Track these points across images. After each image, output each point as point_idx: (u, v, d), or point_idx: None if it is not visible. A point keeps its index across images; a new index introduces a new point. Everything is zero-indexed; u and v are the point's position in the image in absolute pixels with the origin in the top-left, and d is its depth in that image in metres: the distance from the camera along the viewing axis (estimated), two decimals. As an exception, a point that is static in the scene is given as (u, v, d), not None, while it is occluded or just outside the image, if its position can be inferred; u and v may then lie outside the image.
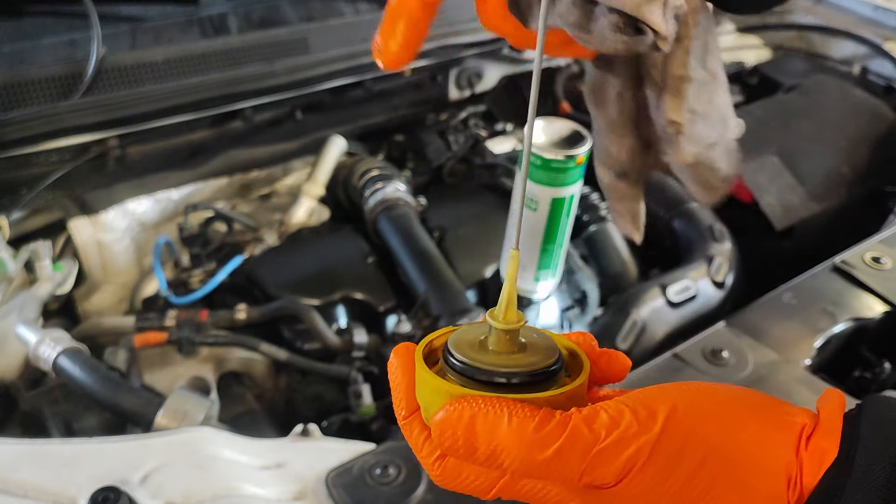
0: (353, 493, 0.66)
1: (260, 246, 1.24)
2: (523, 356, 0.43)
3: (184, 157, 1.30)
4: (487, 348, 0.44)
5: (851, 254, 1.04)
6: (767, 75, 1.69)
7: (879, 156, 1.43)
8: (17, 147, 1.12)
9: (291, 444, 0.73)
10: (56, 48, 1.19)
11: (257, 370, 1.10)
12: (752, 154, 1.36)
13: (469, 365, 0.42)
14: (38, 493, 0.64)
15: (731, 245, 1.23)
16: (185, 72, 1.24)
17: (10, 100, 1.12)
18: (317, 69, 1.32)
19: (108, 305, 1.21)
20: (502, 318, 0.43)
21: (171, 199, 1.27)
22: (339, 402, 1.04)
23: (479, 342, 0.44)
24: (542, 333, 0.47)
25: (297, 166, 1.40)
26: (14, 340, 0.96)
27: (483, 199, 1.33)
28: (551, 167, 0.95)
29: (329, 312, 1.13)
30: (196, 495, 0.65)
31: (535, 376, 0.42)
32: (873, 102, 1.51)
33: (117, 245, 1.20)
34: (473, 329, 0.46)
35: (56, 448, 0.69)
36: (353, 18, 1.42)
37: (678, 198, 1.31)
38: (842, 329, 0.94)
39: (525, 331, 0.45)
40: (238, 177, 1.34)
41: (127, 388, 0.88)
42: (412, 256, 1.14)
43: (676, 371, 0.84)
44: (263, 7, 1.38)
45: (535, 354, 0.44)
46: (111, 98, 1.17)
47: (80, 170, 1.20)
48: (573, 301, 1.23)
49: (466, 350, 0.43)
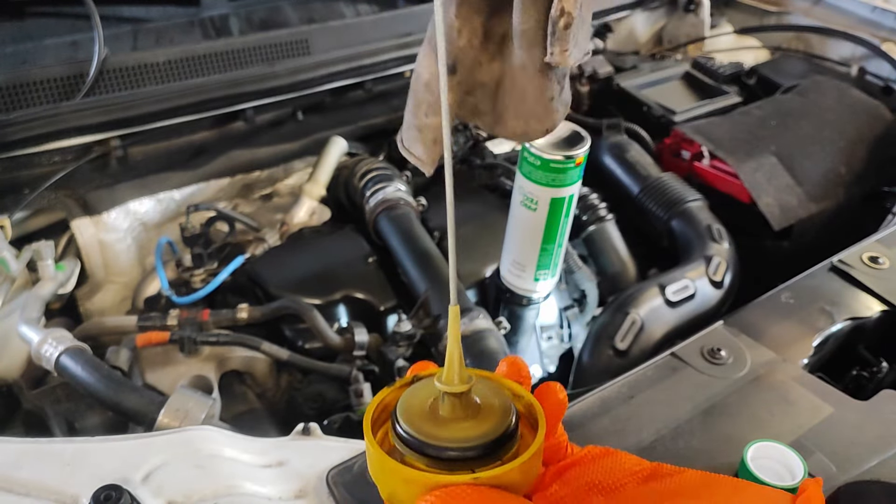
0: (353, 491, 0.66)
1: (261, 246, 1.24)
2: (475, 424, 0.42)
3: (186, 157, 1.31)
4: (438, 414, 0.42)
5: (849, 254, 1.04)
6: (766, 76, 1.70)
7: (877, 156, 1.44)
8: (20, 147, 1.13)
9: (292, 442, 0.73)
10: (58, 49, 1.19)
11: (259, 369, 1.10)
12: (750, 154, 1.36)
13: (417, 439, 0.41)
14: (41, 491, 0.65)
15: (729, 245, 1.23)
16: (187, 73, 1.25)
17: (13, 100, 1.13)
18: (318, 70, 1.32)
19: (110, 305, 1.22)
20: (448, 380, 0.42)
21: (173, 199, 1.27)
22: (340, 400, 1.05)
23: (429, 406, 0.43)
24: (495, 385, 0.45)
25: (298, 167, 1.41)
26: (16, 340, 0.96)
27: (483, 199, 1.34)
28: (550, 167, 0.96)
29: (330, 312, 1.13)
30: (197, 494, 0.65)
31: (488, 448, 0.41)
32: (871, 103, 1.51)
33: (119, 245, 1.21)
34: (425, 388, 0.44)
35: (58, 447, 0.69)
36: (354, 20, 1.42)
37: (677, 198, 1.32)
38: (840, 328, 0.95)
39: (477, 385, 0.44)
40: (239, 177, 1.34)
41: (129, 388, 0.88)
42: (412, 256, 1.15)
43: (675, 370, 0.85)
44: (265, 8, 1.38)
45: (487, 420, 0.42)
46: (113, 99, 1.18)
47: (82, 170, 1.20)
48: (572, 301, 1.23)
49: (417, 421, 0.42)
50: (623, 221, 1.35)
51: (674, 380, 0.83)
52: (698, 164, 1.44)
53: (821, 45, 1.82)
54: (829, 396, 0.81)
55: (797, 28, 1.87)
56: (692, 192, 1.33)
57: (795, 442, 0.75)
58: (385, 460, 0.41)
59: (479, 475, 0.40)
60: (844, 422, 0.78)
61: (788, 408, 0.80)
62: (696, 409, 0.79)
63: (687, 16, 1.93)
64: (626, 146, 1.45)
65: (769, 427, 0.77)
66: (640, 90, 1.62)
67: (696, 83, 1.67)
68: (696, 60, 1.73)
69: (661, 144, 1.52)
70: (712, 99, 1.60)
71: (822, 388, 0.83)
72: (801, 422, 0.78)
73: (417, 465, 0.42)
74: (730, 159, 1.35)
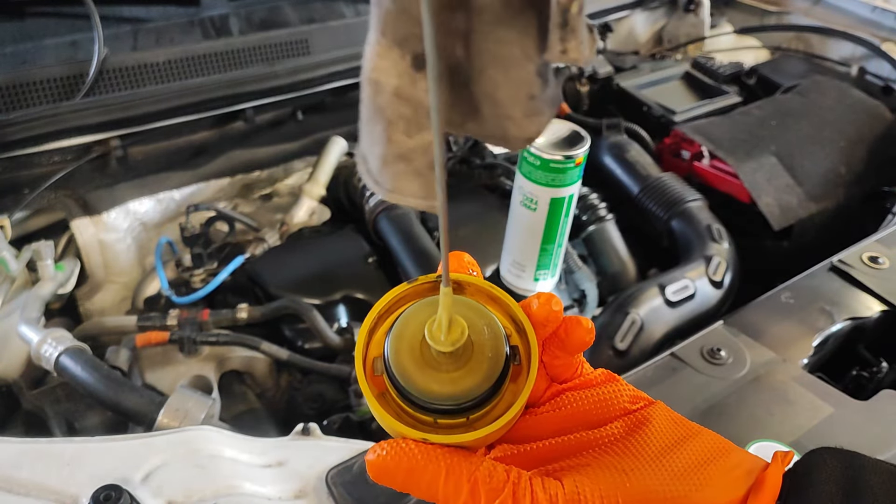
0: (352, 491, 0.67)
1: (261, 246, 1.24)
2: (465, 373, 0.42)
3: (185, 157, 1.31)
4: (429, 355, 0.42)
5: (849, 253, 1.05)
6: (766, 76, 1.70)
7: (877, 156, 1.44)
8: (20, 147, 1.13)
9: (292, 442, 0.74)
10: (58, 49, 1.19)
11: (258, 369, 1.10)
12: (750, 154, 1.36)
13: (407, 390, 0.42)
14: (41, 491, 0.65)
15: (729, 245, 1.23)
16: (187, 73, 1.25)
17: (13, 100, 1.13)
18: (318, 70, 1.32)
19: (110, 305, 1.22)
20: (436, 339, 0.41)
21: (173, 199, 1.27)
22: (339, 400, 1.05)
23: (421, 343, 0.42)
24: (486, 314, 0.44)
25: (298, 167, 1.41)
26: (16, 340, 0.97)
27: (483, 199, 1.34)
28: (550, 167, 0.96)
29: (330, 312, 1.13)
30: (197, 494, 0.65)
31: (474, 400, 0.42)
32: (871, 103, 1.51)
33: (119, 245, 1.21)
34: (420, 314, 0.43)
35: (58, 447, 0.69)
36: (353, 20, 1.42)
37: (677, 198, 1.32)
38: (839, 328, 0.95)
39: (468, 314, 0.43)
40: (239, 177, 1.34)
41: (129, 388, 0.88)
42: (412, 256, 1.15)
43: (675, 371, 0.85)
44: (265, 8, 1.38)
45: (479, 367, 0.42)
46: (113, 99, 1.18)
47: (82, 170, 1.20)
48: (572, 300, 1.23)
49: (406, 361, 0.42)
50: (623, 221, 1.35)
51: (673, 380, 0.83)
52: (698, 164, 1.44)
53: (821, 45, 1.82)
54: (829, 396, 0.81)
55: (797, 28, 1.87)
56: (692, 192, 1.33)
57: (795, 442, 0.75)
58: (366, 388, 0.43)
59: (429, 437, 0.41)
60: (844, 422, 0.78)
61: (788, 408, 0.80)
62: (695, 409, 0.79)
63: (687, 16, 1.93)
64: (626, 146, 1.45)
65: (769, 427, 0.77)
66: (640, 90, 1.62)
67: (696, 83, 1.67)
68: (696, 60, 1.74)
69: (661, 144, 1.52)
70: (712, 99, 1.60)
71: (822, 388, 0.83)
72: (801, 422, 0.78)
73: (395, 398, 0.43)
74: (730, 159, 1.35)
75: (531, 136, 0.41)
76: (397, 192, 0.42)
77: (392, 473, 0.41)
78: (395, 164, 0.41)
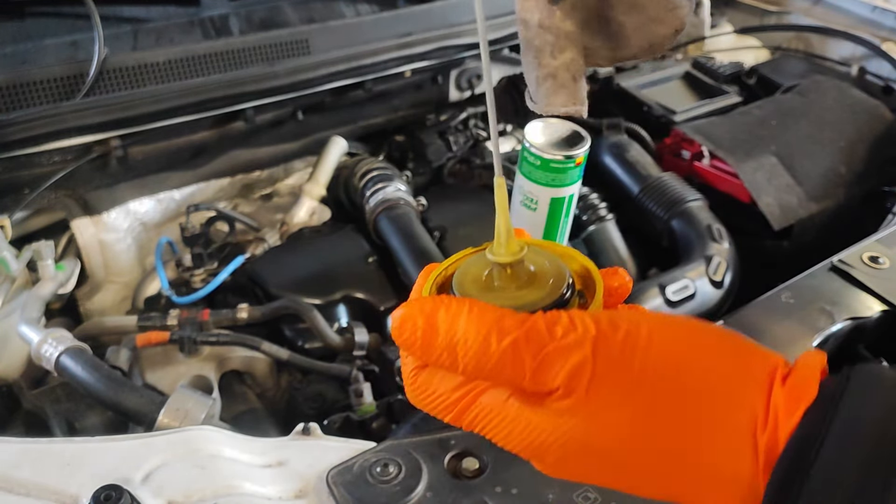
0: (353, 491, 0.67)
1: (261, 246, 1.24)
2: (528, 292, 0.42)
3: (186, 157, 1.31)
4: (493, 283, 0.42)
5: (849, 253, 1.04)
6: (766, 76, 1.70)
7: (877, 156, 1.44)
8: (20, 147, 1.13)
9: (292, 442, 0.73)
10: (58, 49, 1.19)
11: (259, 369, 1.10)
12: (750, 154, 1.36)
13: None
14: (41, 491, 0.65)
15: (729, 245, 1.23)
16: (187, 73, 1.25)
17: (13, 100, 1.13)
18: (318, 70, 1.32)
19: (110, 305, 1.22)
20: (502, 251, 0.42)
21: (174, 199, 1.28)
22: (340, 400, 1.05)
23: (485, 277, 0.43)
24: (552, 256, 0.44)
25: (298, 167, 1.41)
26: (16, 340, 0.97)
27: (483, 199, 1.34)
28: (550, 167, 0.96)
29: (330, 312, 1.13)
30: (197, 493, 0.65)
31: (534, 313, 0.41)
32: (871, 103, 1.51)
33: (119, 245, 1.21)
34: (482, 260, 0.44)
35: (58, 447, 0.69)
36: (354, 20, 1.42)
37: (677, 198, 1.31)
38: (840, 328, 0.94)
39: (533, 256, 0.43)
40: (240, 177, 1.34)
41: (129, 388, 0.88)
42: (413, 256, 1.15)
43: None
44: (265, 8, 1.38)
45: (540, 288, 0.42)
46: (113, 99, 1.18)
47: (82, 170, 1.20)
48: (573, 301, 1.23)
49: (470, 287, 0.42)
50: (623, 221, 1.35)
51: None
52: (698, 163, 1.44)
53: (821, 45, 1.82)
54: (829, 396, 0.81)
55: (797, 28, 1.87)
56: (692, 192, 1.33)
57: (795, 442, 0.74)
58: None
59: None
60: (844, 422, 0.78)
61: (788, 408, 0.80)
62: (696, 409, 0.79)
63: (687, 16, 1.93)
64: (626, 146, 1.45)
65: (769, 427, 0.77)
66: (640, 90, 1.62)
67: (697, 83, 1.67)
68: (696, 60, 1.73)
69: (661, 144, 1.52)
70: (712, 99, 1.60)
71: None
72: (801, 422, 0.78)
73: None
74: (730, 159, 1.35)
75: (679, 28, 0.48)
76: (550, 106, 0.50)
77: (413, 319, 0.40)
78: (546, 83, 0.49)
